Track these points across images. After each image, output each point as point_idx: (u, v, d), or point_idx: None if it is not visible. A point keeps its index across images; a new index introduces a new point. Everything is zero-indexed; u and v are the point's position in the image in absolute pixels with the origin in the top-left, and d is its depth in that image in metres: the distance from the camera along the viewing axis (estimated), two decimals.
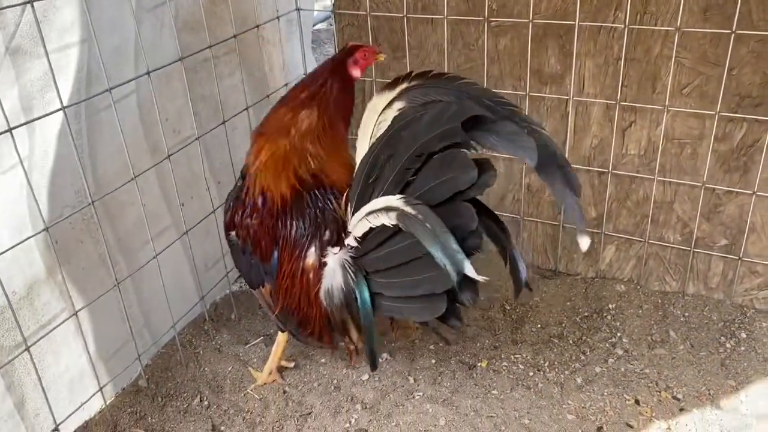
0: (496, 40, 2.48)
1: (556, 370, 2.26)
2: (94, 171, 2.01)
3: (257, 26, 2.50)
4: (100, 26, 1.85)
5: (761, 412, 2.05)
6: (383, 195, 1.67)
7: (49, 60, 1.66)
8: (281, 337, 2.22)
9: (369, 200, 1.70)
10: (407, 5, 2.54)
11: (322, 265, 1.90)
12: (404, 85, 1.71)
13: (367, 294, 1.79)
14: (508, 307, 2.59)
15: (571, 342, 2.39)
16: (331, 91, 1.93)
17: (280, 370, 2.29)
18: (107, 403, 2.15)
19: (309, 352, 2.38)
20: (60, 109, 1.75)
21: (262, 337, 2.47)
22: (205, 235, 2.48)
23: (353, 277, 1.82)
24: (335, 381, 2.25)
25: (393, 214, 1.61)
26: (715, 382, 2.17)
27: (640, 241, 2.55)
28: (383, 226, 1.67)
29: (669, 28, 2.18)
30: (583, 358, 2.31)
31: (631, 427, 2.02)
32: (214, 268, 2.58)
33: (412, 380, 2.24)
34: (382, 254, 1.73)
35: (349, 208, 1.80)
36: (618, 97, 2.35)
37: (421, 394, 2.17)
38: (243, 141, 2.56)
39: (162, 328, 2.33)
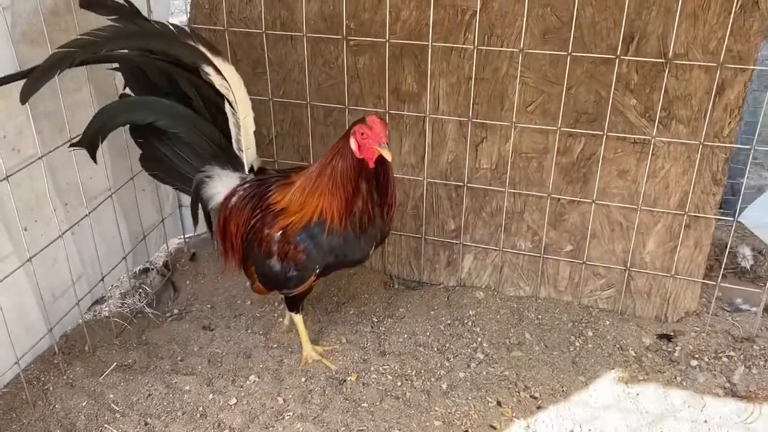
0: (356, 59, 2.53)
1: (423, 378, 2.32)
2: None
3: None
4: None
5: (607, 403, 2.22)
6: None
7: None
8: (298, 319, 2.37)
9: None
10: (266, 22, 2.53)
11: None
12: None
13: None
14: (376, 320, 2.63)
15: (435, 350, 2.47)
16: (332, 157, 2.03)
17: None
18: None
19: (171, 380, 2.27)
20: None
21: (115, 364, 2.33)
22: (53, 262, 2.30)
23: None
24: (201, 408, 2.17)
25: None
26: (568, 379, 2.33)
27: (495, 249, 2.69)
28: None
29: (513, 50, 2.34)
30: (447, 364, 2.39)
31: (495, 428, 2.12)
32: (64, 297, 2.39)
33: (281, 400, 2.20)
34: None
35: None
36: (470, 114, 2.48)
37: (291, 413, 2.14)
38: (85, 163, 2.42)
39: (3, 365, 2.13)
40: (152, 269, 2.88)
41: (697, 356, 2.43)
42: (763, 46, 2.40)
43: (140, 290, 2.76)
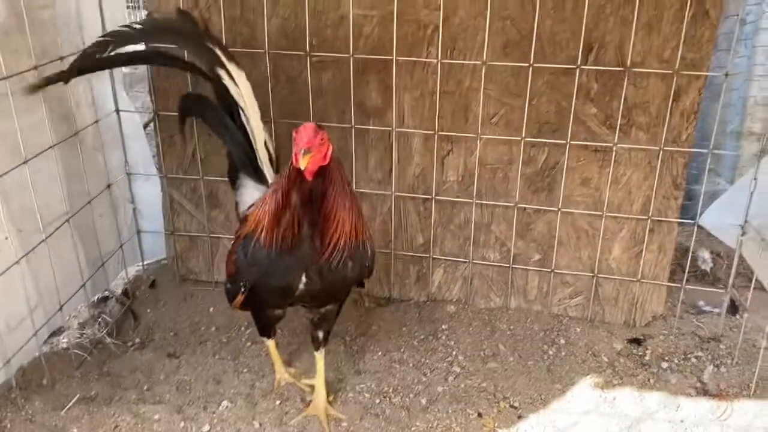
0: (319, 75, 2.52)
1: (401, 394, 2.28)
2: None
3: (61, 58, 2.29)
4: None
5: (586, 409, 2.23)
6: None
7: None
8: (269, 344, 2.27)
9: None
10: (226, 39, 2.49)
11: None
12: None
13: None
14: (348, 339, 2.59)
15: (411, 366, 2.43)
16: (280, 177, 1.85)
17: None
18: None
19: (139, 410, 2.16)
20: None
21: (78, 395, 2.21)
22: (4, 293, 2.17)
23: None
24: None
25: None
26: (545, 388, 2.33)
27: (465, 261, 2.69)
28: None
29: (476, 62, 2.37)
30: (424, 379, 2.36)
31: None
32: (18, 328, 2.26)
33: (257, 424, 2.12)
34: None
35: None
36: (436, 128, 2.49)
37: None
38: (49, 183, 2.32)
39: None
40: (111, 297, 2.77)
41: (667, 358, 2.47)
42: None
43: (99, 319, 2.63)
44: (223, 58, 2.02)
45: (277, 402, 2.23)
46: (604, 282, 2.62)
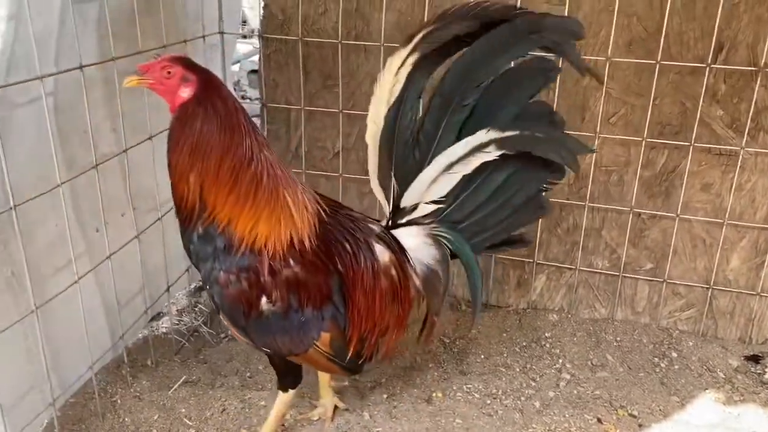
0: None
1: (512, 397, 2.18)
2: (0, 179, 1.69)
3: (185, 41, 2.32)
4: (24, 5, 1.60)
5: (711, 423, 2.10)
6: (443, 143, 1.69)
7: None
8: (286, 399, 1.87)
9: (427, 159, 1.71)
10: (341, 32, 2.50)
11: (402, 255, 1.76)
12: (419, 36, 1.64)
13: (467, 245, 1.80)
14: (447, 341, 2.51)
15: (517, 370, 2.34)
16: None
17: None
18: None
19: (244, 396, 2.11)
20: None
21: (184, 377, 2.18)
22: (119, 269, 2.17)
23: (448, 237, 1.77)
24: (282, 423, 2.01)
25: (492, 147, 1.63)
26: (662, 399, 2.20)
27: (571, 268, 2.60)
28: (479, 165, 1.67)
29: (600, 58, 2.32)
30: (534, 384, 2.26)
31: None
32: (127, 307, 2.25)
33: (367, 416, 2.05)
34: (478, 193, 1.74)
35: (393, 186, 1.78)
36: None
37: (380, 429, 1.99)
38: (162, 164, 2.33)
39: (71, 373, 1.97)
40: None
41: None
42: None
43: (196, 308, 2.62)
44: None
45: (384, 395, 2.15)
46: (720, 295, 2.49)
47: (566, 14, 2.28)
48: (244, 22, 5.20)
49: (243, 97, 2.70)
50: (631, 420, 2.09)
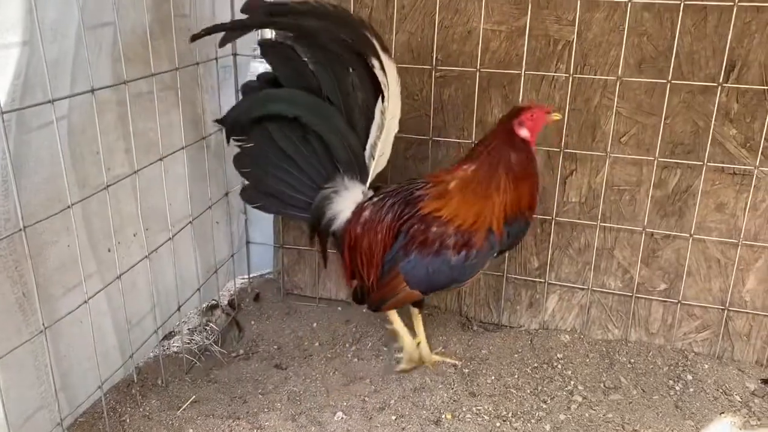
0: (440, 91, 2.51)
1: (522, 419, 2.16)
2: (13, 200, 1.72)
3: (197, 63, 2.36)
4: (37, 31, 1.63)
5: None
6: None
7: None
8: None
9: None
10: None
11: None
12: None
13: None
14: (458, 362, 2.49)
15: (528, 392, 2.31)
16: (499, 153, 2.06)
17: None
18: None
19: (253, 417, 2.11)
20: None
21: (193, 397, 2.19)
22: (129, 288, 2.19)
23: None
24: None
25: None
26: (676, 423, 2.16)
27: (583, 288, 2.57)
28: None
29: (610, 78, 2.31)
30: (544, 406, 2.23)
31: None
32: (138, 326, 2.27)
33: None
34: None
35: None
36: (561, 145, 2.42)
37: None
38: (175, 184, 2.36)
39: (81, 392, 1.98)
40: (219, 306, 2.76)
41: None
42: None
43: (207, 327, 2.63)
44: (378, 48, 2.01)
45: (393, 417, 2.14)
46: (736, 316, 2.44)
47: (576, 35, 2.29)
48: None
49: None
50: None
